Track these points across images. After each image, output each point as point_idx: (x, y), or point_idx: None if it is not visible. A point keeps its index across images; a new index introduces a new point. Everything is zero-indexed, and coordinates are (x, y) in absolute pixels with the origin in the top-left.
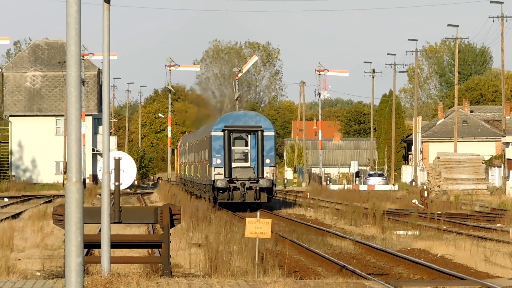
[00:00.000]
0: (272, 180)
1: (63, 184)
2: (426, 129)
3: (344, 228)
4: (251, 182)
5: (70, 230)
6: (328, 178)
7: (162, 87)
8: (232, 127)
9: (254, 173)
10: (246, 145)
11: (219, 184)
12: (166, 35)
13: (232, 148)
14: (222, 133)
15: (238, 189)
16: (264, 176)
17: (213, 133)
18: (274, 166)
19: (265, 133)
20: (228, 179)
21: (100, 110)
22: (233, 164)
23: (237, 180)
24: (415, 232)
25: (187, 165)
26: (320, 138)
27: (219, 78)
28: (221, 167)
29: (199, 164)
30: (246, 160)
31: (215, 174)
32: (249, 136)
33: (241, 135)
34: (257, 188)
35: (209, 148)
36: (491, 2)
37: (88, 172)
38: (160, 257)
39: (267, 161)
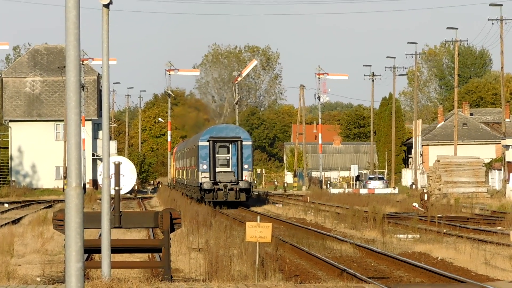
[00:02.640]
0: (250, 182)
1: (63, 189)
2: (426, 132)
3: (345, 231)
4: (232, 184)
5: (70, 235)
6: (328, 182)
7: (161, 92)
8: (216, 138)
9: (234, 176)
10: (228, 153)
11: (205, 186)
12: (165, 39)
13: (216, 155)
14: (207, 143)
15: (221, 190)
16: (243, 179)
17: (200, 143)
18: (251, 171)
19: (243, 143)
20: (213, 181)
21: (99, 115)
22: (217, 169)
23: (221, 183)
24: (416, 235)
25: (180, 170)
26: (320, 141)
27: (218, 82)
28: (207, 172)
29: (189, 169)
30: (228, 166)
31: (202, 177)
32: (230, 145)
33: (223, 144)
34: (237, 189)
35: (197, 156)
36: (490, 4)
37: (88, 177)
38: (160, 261)
39: (245, 166)
